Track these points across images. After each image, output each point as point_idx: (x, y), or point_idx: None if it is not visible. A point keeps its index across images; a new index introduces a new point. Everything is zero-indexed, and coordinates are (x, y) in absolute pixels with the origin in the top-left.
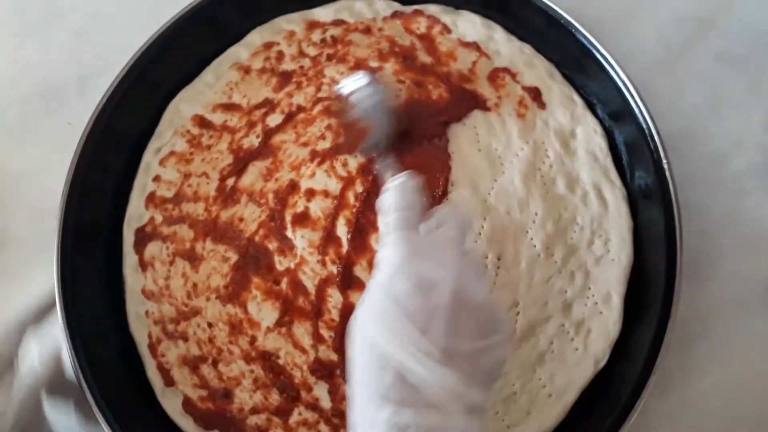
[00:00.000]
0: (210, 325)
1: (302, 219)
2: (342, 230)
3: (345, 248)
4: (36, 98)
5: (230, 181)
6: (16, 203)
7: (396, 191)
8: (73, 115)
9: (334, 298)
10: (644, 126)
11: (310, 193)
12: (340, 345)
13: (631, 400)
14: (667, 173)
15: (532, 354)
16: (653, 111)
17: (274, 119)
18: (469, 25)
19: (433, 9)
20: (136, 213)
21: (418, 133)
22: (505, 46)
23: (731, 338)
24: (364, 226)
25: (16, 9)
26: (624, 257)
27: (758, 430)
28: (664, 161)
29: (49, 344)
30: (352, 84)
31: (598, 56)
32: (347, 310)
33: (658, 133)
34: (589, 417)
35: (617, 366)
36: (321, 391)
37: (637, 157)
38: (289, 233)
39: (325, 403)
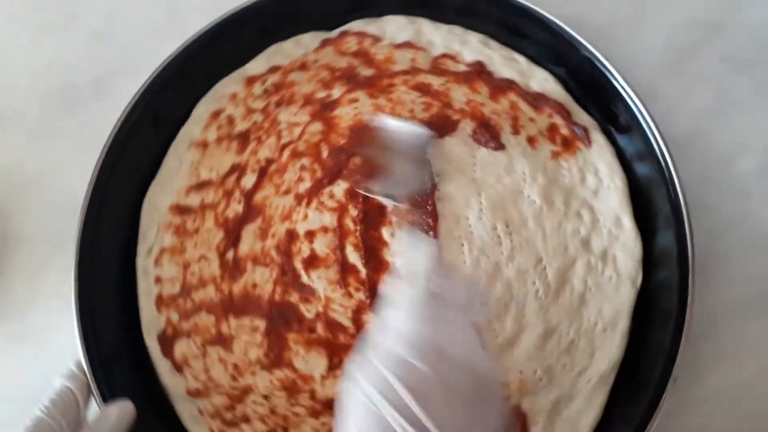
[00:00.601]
0: (266, 397)
1: (312, 262)
2: (354, 257)
3: (363, 272)
4: (53, 98)
5: (230, 254)
6: (32, 203)
7: (427, 257)
8: (90, 115)
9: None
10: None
11: (310, 235)
12: None
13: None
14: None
15: (573, 299)
16: (660, 114)
17: (249, 180)
18: (395, 27)
19: (357, 25)
20: (151, 320)
21: None
22: (435, 35)
23: (738, 339)
24: (372, 245)
25: (34, 9)
26: (618, 181)
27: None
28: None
29: None
30: (399, 126)
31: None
32: None
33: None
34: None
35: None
36: None
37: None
38: (305, 280)
39: None
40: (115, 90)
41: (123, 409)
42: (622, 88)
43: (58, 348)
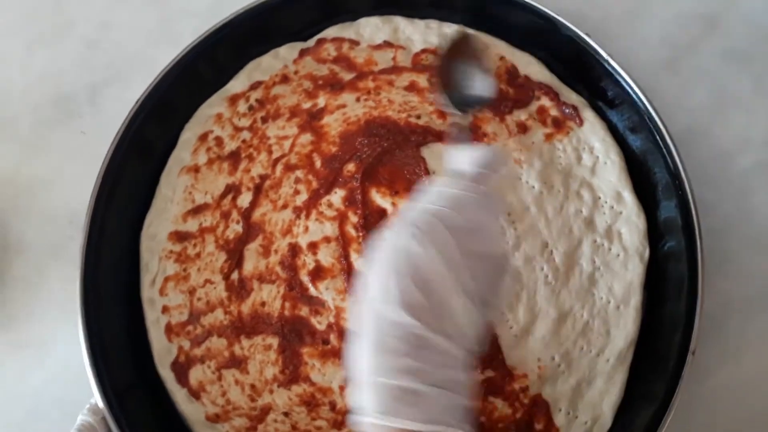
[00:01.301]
0: (286, 414)
1: (318, 273)
2: (359, 262)
3: None
4: (48, 107)
5: (234, 276)
6: (29, 212)
7: (491, 152)
8: (84, 124)
9: None
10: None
11: (313, 247)
12: None
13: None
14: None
15: (583, 281)
16: (659, 111)
17: (245, 199)
18: (371, 28)
19: (332, 31)
20: (163, 349)
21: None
22: (412, 31)
23: (741, 337)
24: None
25: (28, 18)
26: (614, 155)
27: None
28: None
29: None
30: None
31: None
32: None
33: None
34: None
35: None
36: None
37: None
38: (313, 292)
39: None
40: (109, 98)
41: None
42: (607, 62)
43: (57, 357)
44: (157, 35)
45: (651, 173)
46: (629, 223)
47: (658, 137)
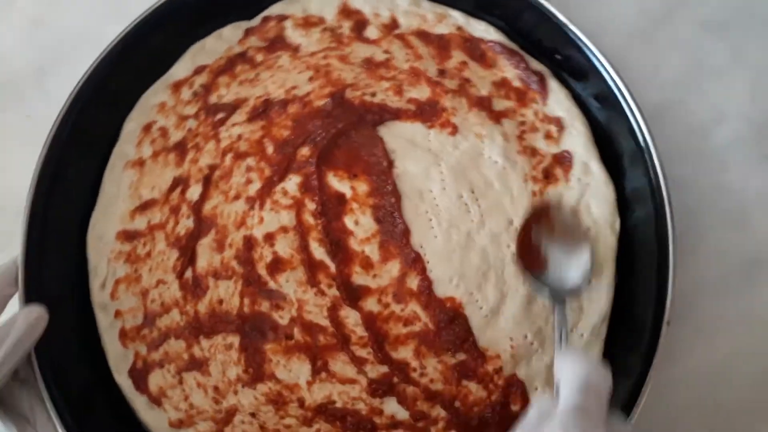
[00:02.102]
0: (253, 414)
1: (277, 265)
2: (320, 252)
3: (332, 267)
4: None
5: (188, 274)
6: None
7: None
8: (32, 108)
9: (351, 317)
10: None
11: (270, 238)
12: (383, 354)
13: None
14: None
15: None
16: (632, 84)
17: (194, 192)
18: (318, 2)
19: (278, 8)
20: (119, 356)
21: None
22: (362, 3)
23: (714, 318)
24: (337, 236)
25: None
26: (579, 125)
27: (740, 411)
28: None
29: None
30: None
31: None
32: (369, 320)
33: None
34: None
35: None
36: (391, 406)
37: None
38: (272, 286)
39: (402, 414)
40: (57, 79)
41: (32, 314)
42: (570, 30)
43: None
44: (104, 11)
45: (615, 142)
46: (598, 194)
47: (623, 105)
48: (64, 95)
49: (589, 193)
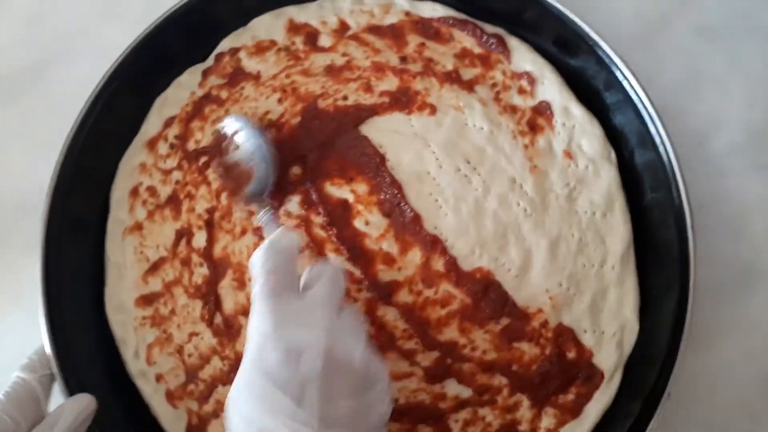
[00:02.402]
0: None
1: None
2: (339, 261)
3: (357, 272)
4: None
5: (218, 319)
6: None
7: (264, 253)
8: (31, 104)
9: (389, 314)
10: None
11: None
12: (430, 340)
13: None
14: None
15: (561, 203)
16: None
17: (200, 239)
18: (264, 28)
19: (227, 42)
20: (172, 418)
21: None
22: (306, 17)
23: (710, 324)
24: (351, 241)
25: None
26: (548, 73)
27: (736, 418)
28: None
29: None
30: (233, 125)
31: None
32: (407, 312)
33: None
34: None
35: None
36: (453, 388)
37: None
38: None
39: (465, 392)
40: (55, 76)
41: (81, 403)
42: None
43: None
44: (100, 9)
45: (589, 79)
46: (585, 133)
47: (587, 39)
48: (62, 93)
49: (577, 134)
